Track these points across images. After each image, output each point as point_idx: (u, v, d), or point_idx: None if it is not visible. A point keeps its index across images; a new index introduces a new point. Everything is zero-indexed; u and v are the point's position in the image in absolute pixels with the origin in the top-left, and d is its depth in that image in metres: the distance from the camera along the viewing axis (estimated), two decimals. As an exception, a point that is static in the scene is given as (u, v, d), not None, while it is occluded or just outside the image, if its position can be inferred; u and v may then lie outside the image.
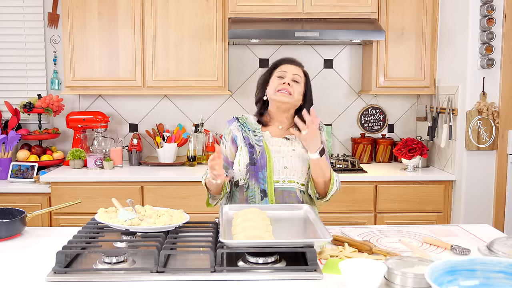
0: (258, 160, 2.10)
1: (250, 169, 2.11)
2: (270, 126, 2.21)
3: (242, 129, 2.18)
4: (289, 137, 2.18)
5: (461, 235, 1.98)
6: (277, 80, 2.14)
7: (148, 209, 1.92)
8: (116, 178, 3.31)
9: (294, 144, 2.16)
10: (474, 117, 3.19)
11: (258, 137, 2.15)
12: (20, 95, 3.81)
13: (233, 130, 2.21)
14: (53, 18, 3.77)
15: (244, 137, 2.16)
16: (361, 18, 3.46)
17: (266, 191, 2.10)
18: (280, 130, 2.20)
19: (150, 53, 3.50)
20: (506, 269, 1.32)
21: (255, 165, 2.10)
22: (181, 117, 3.90)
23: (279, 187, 2.11)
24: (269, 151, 2.12)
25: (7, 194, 3.27)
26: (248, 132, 2.17)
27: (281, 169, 2.11)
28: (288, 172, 2.12)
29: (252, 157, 2.11)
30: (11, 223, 1.91)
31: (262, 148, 2.12)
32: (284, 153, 2.13)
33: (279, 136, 2.19)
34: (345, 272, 1.38)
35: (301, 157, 2.13)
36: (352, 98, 3.94)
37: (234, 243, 1.57)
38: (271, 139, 2.17)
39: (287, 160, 2.12)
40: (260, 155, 2.11)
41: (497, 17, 3.12)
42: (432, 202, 3.35)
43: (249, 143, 2.14)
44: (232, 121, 2.24)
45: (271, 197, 2.10)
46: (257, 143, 2.14)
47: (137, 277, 1.51)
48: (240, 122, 2.21)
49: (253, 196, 2.11)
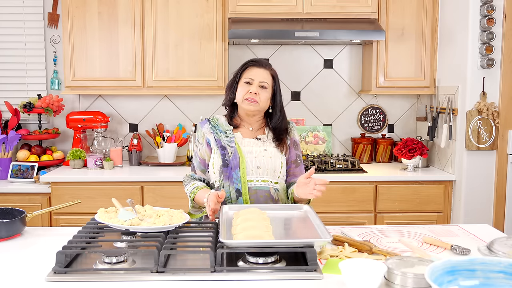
0: (231, 161, 2.14)
1: (223, 170, 2.15)
2: (241, 128, 2.24)
3: (214, 131, 2.21)
4: (260, 137, 2.22)
5: (461, 235, 1.98)
6: (245, 86, 2.16)
7: (148, 209, 1.93)
8: (116, 178, 3.31)
9: (265, 144, 2.20)
10: (474, 117, 3.19)
11: (229, 138, 2.18)
12: (20, 95, 3.81)
13: (205, 134, 2.24)
14: (53, 18, 3.77)
15: (216, 140, 2.19)
16: (361, 18, 3.46)
17: (241, 191, 2.13)
18: (250, 132, 2.23)
19: (150, 53, 3.50)
20: (506, 269, 1.32)
21: (228, 166, 2.14)
22: (181, 117, 3.90)
23: (253, 186, 2.15)
24: (241, 151, 2.16)
25: (7, 194, 3.27)
26: (219, 134, 2.20)
27: (254, 169, 2.15)
28: (261, 171, 2.15)
29: (224, 159, 2.15)
30: (11, 223, 1.91)
31: (234, 149, 2.16)
32: (256, 153, 2.17)
33: (250, 137, 2.22)
34: (345, 272, 1.38)
35: (273, 157, 2.17)
36: (352, 98, 3.94)
37: (234, 243, 1.57)
38: (243, 140, 2.20)
39: (260, 160, 2.16)
40: (233, 155, 2.14)
41: (497, 17, 3.12)
42: (432, 202, 3.35)
43: (221, 145, 2.17)
44: (204, 123, 2.27)
45: (245, 196, 2.13)
46: (229, 144, 2.17)
47: (137, 277, 1.51)
48: (212, 124, 2.24)
49: (228, 196, 2.14)
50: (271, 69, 2.22)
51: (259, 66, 2.19)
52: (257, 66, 2.19)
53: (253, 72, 2.18)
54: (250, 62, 2.21)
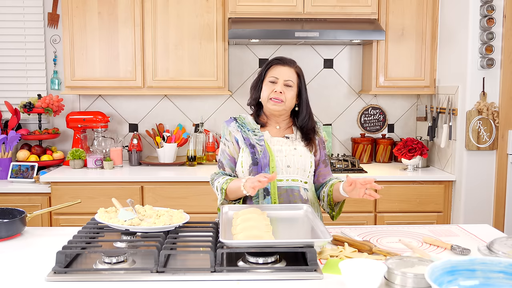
0: (261, 159, 2.11)
1: (253, 169, 2.11)
2: (268, 126, 2.21)
3: (241, 129, 2.18)
4: (288, 136, 2.18)
5: (461, 235, 1.98)
6: (269, 85, 2.13)
7: (148, 209, 1.92)
8: (116, 178, 3.31)
9: (295, 143, 2.17)
10: (474, 117, 3.19)
11: (258, 137, 2.15)
12: (20, 95, 3.81)
13: (232, 132, 2.20)
14: (53, 18, 3.77)
15: (244, 138, 2.16)
16: (361, 18, 3.46)
17: (269, 190, 2.09)
18: (278, 130, 2.20)
19: (150, 53, 3.50)
20: (506, 269, 1.32)
21: (258, 165, 2.11)
22: (181, 117, 3.90)
23: (282, 185, 2.12)
24: (271, 150, 2.13)
25: (7, 194, 3.27)
26: (247, 132, 2.17)
27: (284, 168, 2.12)
28: (291, 171, 2.12)
29: (254, 157, 2.11)
30: (11, 223, 1.91)
31: (263, 147, 2.12)
32: (286, 152, 2.14)
33: (278, 135, 2.19)
34: (345, 272, 1.38)
35: (303, 156, 2.14)
36: (352, 98, 3.94)
37: (234, 243, 1.57)
38: (272, 139, 2.17)
39: (290, 159, 2.13)
40: (262, 154, 2.11)
41: (497, 17, 3.12)
42: (432, 202, 3.35)
43: (250, 144, 2.14)
44: (230, 122, 2.23)
45: (273, 196, 2.09)
46: (258, 142, 2.14)
47: (137, 277, 1.51)
48: (239, 123, 2.21)
49: (256, 195, 2.10)
50: (296, 66, 2.17)
51: (284, 64, 2.15)
52: (281, 64, 2.15)
53: (278, 71, 2.13)
54: (274, 61, 2.17)
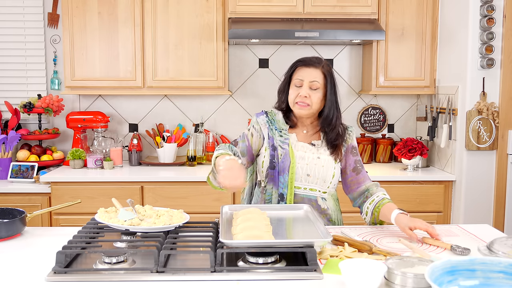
0: (279, 163, 2.05)
1: (269, 172, 2.07)
2: (296, 129, 2.14)
3: (269, 126, 2.10)
4: (315, 143, 2.11)
5: (461, 235, 1.98)
6: (295, 89, 2.04)
7: (148, 209, 1.92)
8: (116, 178, 3.31)
9: (320, 151, 2.09)
10: (474, 117, 3.19)
11: (283, 139, 2.08)
12: (20, 95, 3.81)
13: (261, 125, 2.12)
14: (53, 18, 3.77)
15: (270, 137, 2.09)
16: (361, 18, 3.46)
17: (285, 196, 2.05)
18: (305, 135, 2.13)
19: (150, 53, 3.50)
20: (506, 269, 1.32)
21: (275, 169, 2.05)
22: (181, 117, 3.90)
23: (300, 193, 2.07)
24: (294, 155, 2.06)
25: (7, 194, 3.27)
26: (274, 131, 2.10)
27: (303, 176, 2.06)
28: (310, 180, 2.07)
29: (272, 161, 2.06)
30: (11, 223, 1.91)
31: (286, 151, 2.06)
32: (309, 160, 2.07)
33: (304, 141, 2.12)
34: (345, 272, 1.38)
35: (325, 166, 2.07)
36: (352, 98, 3.94)
37: (234, 243, 1.57)
38: (297, 143, 2.10)
39: (311, 168, 2.06)
40: (283, 157, 2.05)
41: (497, 17, 3.12)
42: (432, 202, 3.35)
43: (272, 145, 2.07)
44: (260, 114, 2.15)
45: (289, 202, 2.05)
46: (281, 145, 2.07)
47: (137, 277, 1.51)
48: (269, 118, 2.13)
49: (269, 199, 2.08)
50: (323, 66, 2.05)
51: (308, 65, 2.05)
52: (305, 65, 2.05)
53: (302, 73, 2.04)
54: (298, 62, 2.07)
